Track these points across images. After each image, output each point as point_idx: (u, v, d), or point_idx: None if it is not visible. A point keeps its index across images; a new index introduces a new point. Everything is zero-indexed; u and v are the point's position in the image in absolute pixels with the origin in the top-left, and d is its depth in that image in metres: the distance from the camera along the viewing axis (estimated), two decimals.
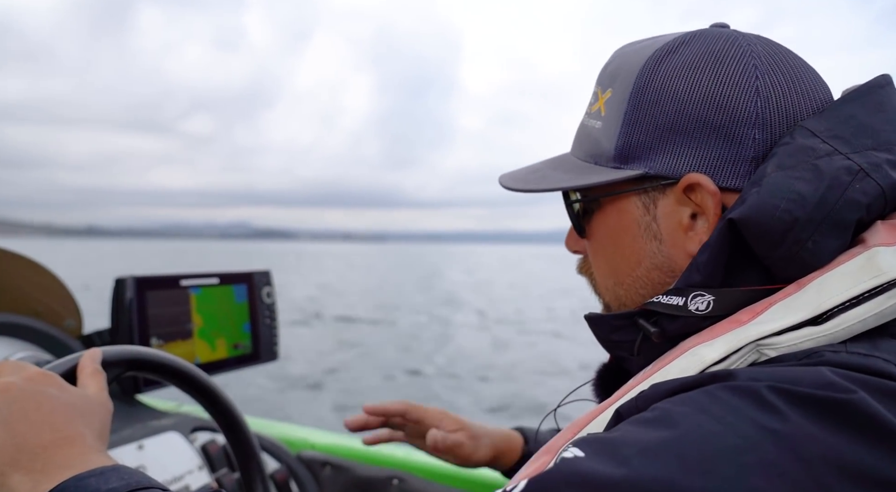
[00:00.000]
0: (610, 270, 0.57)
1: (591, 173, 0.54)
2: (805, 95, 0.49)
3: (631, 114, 0.52)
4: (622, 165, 0.53)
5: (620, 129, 0.52)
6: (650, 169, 0.51)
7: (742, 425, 0.35)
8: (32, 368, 0.54)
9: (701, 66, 0.50)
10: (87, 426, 0.51)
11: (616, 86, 0.54)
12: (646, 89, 0.51)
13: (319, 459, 1.35)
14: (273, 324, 1.35)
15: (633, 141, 0.52)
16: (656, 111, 0.51)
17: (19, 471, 0.45)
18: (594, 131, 0.55)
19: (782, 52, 0.51)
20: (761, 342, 0.42)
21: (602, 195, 0.55)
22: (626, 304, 0.56)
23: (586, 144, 0.57)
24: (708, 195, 0.48)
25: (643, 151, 0.51)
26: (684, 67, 0.50)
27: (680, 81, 0.50)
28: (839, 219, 0.43)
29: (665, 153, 0.50)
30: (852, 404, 0.35)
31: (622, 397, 0.47)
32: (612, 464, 0.35)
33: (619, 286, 0.56)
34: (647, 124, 0.51)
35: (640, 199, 0.53)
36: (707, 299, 0.46)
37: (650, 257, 0.53)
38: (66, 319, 1.16)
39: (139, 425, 1.06)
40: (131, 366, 0.65)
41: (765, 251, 0.45)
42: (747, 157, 0.48)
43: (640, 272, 0.54)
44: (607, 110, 0.54)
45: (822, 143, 0.45)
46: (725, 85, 0.48)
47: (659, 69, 0.51)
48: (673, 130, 0.50)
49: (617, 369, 0.61)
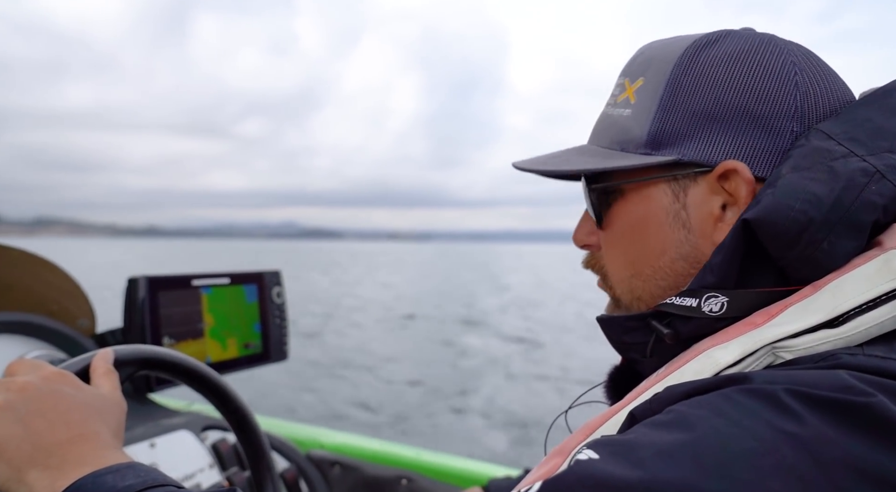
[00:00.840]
0: (627, 262, 0.55)
1: (620, 159, 0.53)
2: (836, 96, 0.49)
3: (667, 100, 0.51)
4: (653, 151, 0.52)
5: (654, 114, 0.51)
6: (683, 155, 0.50)
7: (759, 428, 0.35)
8: (48, 367, 0.55)
9: (742, 57, 0.50)
10: (103, 424, 0.51)
11: (649, 74, 0.53)
12: (684, 76, 0.51)
13: (329, 458, 1.36)
14: (283, 324, 1.35)
15: (668, 127, 0.51)
16: (694, 98, 0.50)
17: (36, 468, 0.46)
18: (621, 119, 0.54)
19: (813, 53, 0.51)
20: (777, 345, 0.42)
21: (628, 181, 0.54)
22: (640, 297, 0.55)
23: (611, 132, 0.55)
24: (743, 183, 0.48)
25: (677, 138, 0.51)
26: (725, 57, 0.50)
27: (721, 70, 0.50)
28: (855, 220, 0.43)
29: (700, 141, 0.50)
30: (871, 408, 0.34)
31: (635, 399, 0.47)
32: (628, 466, 0.35)
33: (637, 277, 0.55)
34: (684, 111, 0.50)
35: (669, 186, 0.52)
36: (721, 301, 0.46)
37: (676, 247, 0.52)
38: (80, 319, 1.18)
39: (151, 424, 1.07)
40: (143, 365, 0.66)
41: (779, 252, 0.45)
42: (783, 149, 0.48)
43: (664, 262, 0.53)
44: (638, 98, 0.53)
45: (837, 145, 0.45)
46: (767, 76, 0.49)
47: (698, 58, 0.51)
48: (710, 117, 0.50)
49: (629, 371, 0.60)
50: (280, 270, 1.37)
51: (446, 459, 1.41)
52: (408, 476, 1.31)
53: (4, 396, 0.49)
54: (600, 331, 0.57)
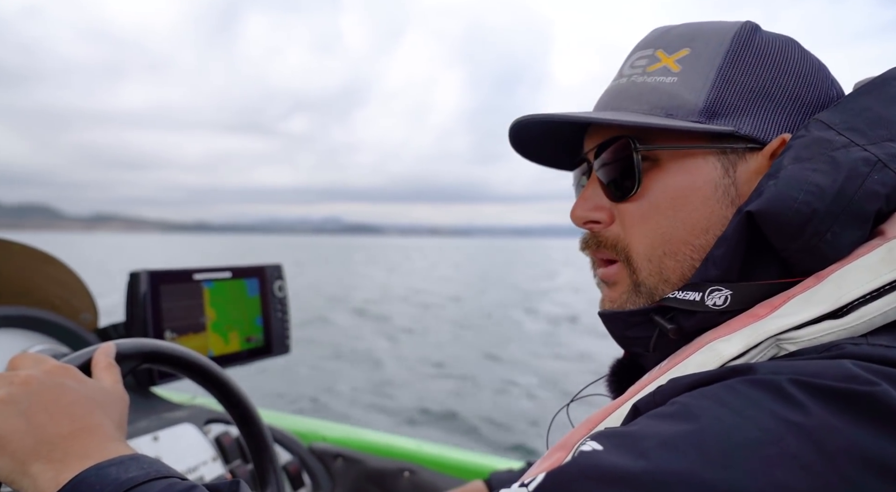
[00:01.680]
0: (661, 238, 0.51)
1: (671, 121, 0.49)
2: (838, 91, 0.53)
3: (727, 70, 0.51)
4: (707, 121, 0.49)
5: (713, 83, 0.50)
6: (739, 128, 0.50)
7: (763, 417, 0.35)
8: (51, 360, 0.55)
9: (791, 46, 0.52)
10: (106, 417, 0.51)
11: (697, 45, 0.52)
12: (744, 51, 0.51)
13: (331, 451, 1.36)
14: (285, 317, 1.35)
15: (725, 98, 0.50)
16: (752, 74, 0.51)
17: (40, 460, 0.46)
18: (665, 85, 0.51)
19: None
20: (781, 337, 0.42)
21: (672, 147, 0.50)
22: (668, 279, 0.51)
23: (652, 98, 0.51)
24: None
25: (732, 111, 0.50)
26: (777, 43, 0.52)
27: (778, 53, 0.52)
28: (858, 210, 0.43)
29: (755, 117, 0.50)
30: (875, 397, 0.34)
31: (639, 392, 0.47)
32: (632, 457, 0.35)
33: (670, 256, 0.50)
34: (741, 85, 0.50)
35: (718, 159, 0.50)
36: (724, 294, 0.46)
37: (722, 225, 0.49)
38: (82, 313, 1.18)
39: (154, 417, 1.07)
40: (145, 358, 0.66)
41: (783, 244, 0.44)
42: None
43: (705, 240, 0.49)
44: (685, 67, 0.51)
45: (837, 135, 0.45)
46: (813, 67, 0.52)
47: (754, 38, 0.52)
48: (766, 96, 0.51)
49: (631, 365, 0.60)
50: (281, 264, 1.37)
51: (448, 451, 1.42)
52: (410, 468, 1.32)
53: (8, 389, 0.49)
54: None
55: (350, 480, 1.33)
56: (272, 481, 0.75)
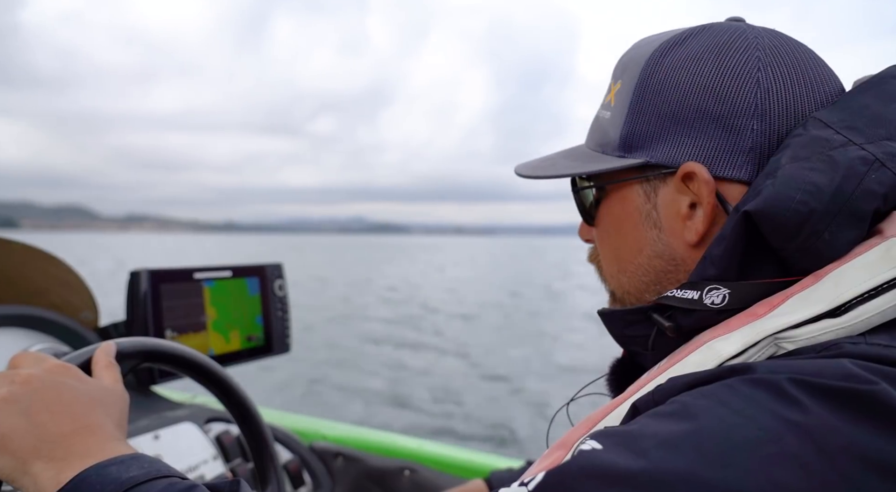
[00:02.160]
0: (614, 258, 0.58)
1: (598, 161, 0.56)
2: (811, 87, 0.49)
3: (636, 104, 0.53)
4: (626, 154, 0.54)
5: (625, 118, 0.54)
6: (651, 158, 0.52)
7: (762, 417, 0.35)
8: (52, 359, 0.55)
9: (704, 58, 0.50)
10: (107, 416, 0.52)
11: (625, 77, 0.55)
12: (650, 80, 0.52)
13: (332, 450, 1.37)
14: (285, 316, 1.35)
15: (637, 130, 0.53)
16: (659, 101, 0.51)
17: (41, 460, 0.46)
18: (604, 122, 0.57)
19: (791, 44, 0.51)
20: (779, 335, 0.42)
21: (607, 183, 0.57)
22: (629, 291, 0.57)
23: (597, 135, 0.58)
24: (703, 184, 0.49)
25: (646, 141, 0.52)
26: (688, 59, 0.51)
27: (683, 72, 0.51)
28: (856, 209, 0.43)
29: (666, 143, 0.51)
30: (875, 396, 0.34)
31: (637, 391, 0.47)
32: (631, 456, 0.35)
33: (623, 274, 0.57)
34: (651, 114, 0.52)
35: (641, 187, 0.54)
36: (723, 293, 0.46)
37: (651, 245, 0.54)
38: (83, 312, 1.18)
39: (155, 416, 1.08)
40: (145, 357, 0.66)
41: (780, 243, 0.45)
42: (745, 147, 0.48)
43: (642, 260, 0.55)
44: (616, 101, 0.55)
45: (835, 133, 0.45)
46: (726, 76, 0.49)
47: (664, 60, 0.52)
48: (674, 119, 0.51)
49: (630, 363, 0.60)
50: (282, 263, 1.37)
51: (448, 450, 1.42)
52: (410, 467, 1.32)
53: (9, 388, 0.49)
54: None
55: (350, 478, 1.34)
56: (273, 479, 0.75)
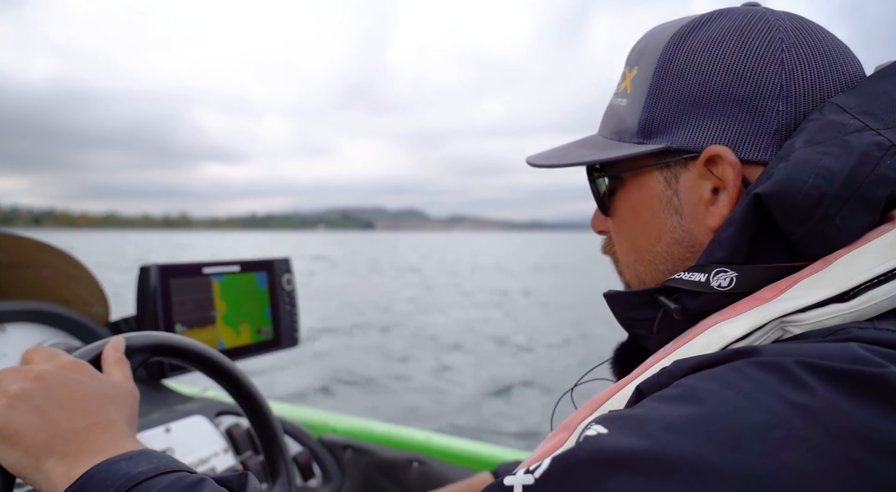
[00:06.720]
0: (631, 247, 0.57)
1: (615, 149, 0.55)
2: (833, 69, 0.48)
3: (654, 88, 0.52)
4: (644, 140, 0.53)
5: (644, 103, 0.53)
6: (672, 143, 0.51)
7: (770, 400, 0.35)
8: (64, 355, 0.55)
9: (726, 40, 0.49)
10: (118, 413, 0.52)
11: (642, 63, 0.54)
12: (670, 64, 0.51)
13: (341, 442, 1.37)
14: (293, 310, 1.36)
15: (656, 116, 0.52)
16: (679, 85, 0.51)
17: (53, 456, 0.47)
18: (620, 109, 0.56)
19: (811, 27, 0.50)
20: (785, 319, 0.42)
21: (624, 170, 0.55)
22: (645, 281, 0.56)
23: (612, 123, 0.57)
24: (729, 167, 0.48)
25: (665, 126, 0.51)
26: (709, 42, 0.50)
27: (704, 55, 0.50)
28: (868, 195, 0.42)
29: (687, 127, 0.50)
30: (883, 379, 0.34)
31: (642, 373, 0.46)
32: (637, 440, 0.35)
33: (640, 263, 0.56)
34: (670, 98, 0.51)
35: (661, 173, 0.53)
36: (730, 276, 0.46)
37: (671, 232, 0.53)
38: (94, 307, 1.19)
39: (165, 409, 1.09)
40: (155, 351, 0.66)
41: (791, 227, 0.44)
42: (770, 129, 0.47)
43: (661, 247, 0.54)
44: (633, 88, 0.54)
45: (852, 118, 0.44)
46: (750, 58, 0.48)
47: (684, 44, 0.51)
48: (696, 103, 0.50)
49: (635, 347, 0.60)
50: (289, 258, 1.38)
51: (457, 442, 1.43)
52: (419, 459, 1.32)
53: (22, 384, 0.50)
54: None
55: (359, 470, 1.35)
56: (282, 471, 0.76)
